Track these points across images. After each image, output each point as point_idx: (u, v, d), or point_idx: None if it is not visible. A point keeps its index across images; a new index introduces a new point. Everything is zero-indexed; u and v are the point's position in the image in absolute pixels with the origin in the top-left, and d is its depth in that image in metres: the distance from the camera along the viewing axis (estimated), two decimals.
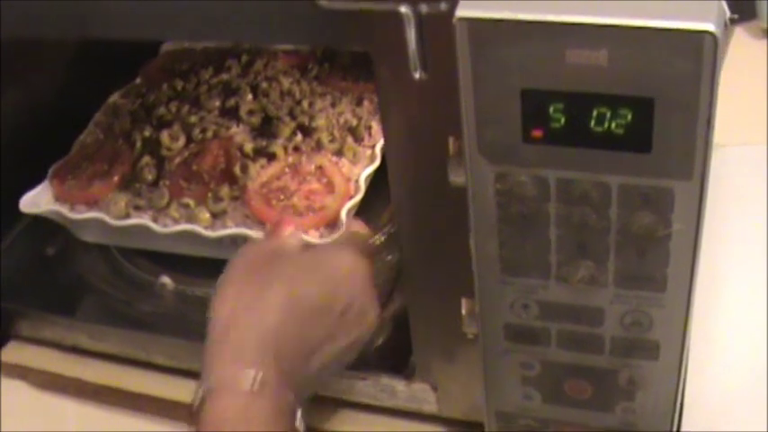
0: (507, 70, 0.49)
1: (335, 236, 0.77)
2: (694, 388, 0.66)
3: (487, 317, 0.59)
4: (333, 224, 0.79)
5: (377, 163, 0.83)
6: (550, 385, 0.61)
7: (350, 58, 0.96)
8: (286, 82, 0.93)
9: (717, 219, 0.75)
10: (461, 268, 0.57)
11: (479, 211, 0.54)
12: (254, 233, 0.78)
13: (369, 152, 0.85)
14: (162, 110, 0.92)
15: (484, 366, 0.61)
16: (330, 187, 0.81)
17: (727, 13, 0.48)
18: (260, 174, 0.83)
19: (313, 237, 0.77)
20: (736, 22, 0.88)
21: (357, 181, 0.82)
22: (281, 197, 0.81)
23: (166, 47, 1.05)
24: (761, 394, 0.65)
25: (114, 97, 0.98)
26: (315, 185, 0.82)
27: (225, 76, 0.96)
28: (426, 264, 0.62)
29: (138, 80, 1.01)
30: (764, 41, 0.87)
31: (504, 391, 0.62)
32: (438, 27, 0.51)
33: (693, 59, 0.46)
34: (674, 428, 0.62)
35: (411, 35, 0.53)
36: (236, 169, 0.83)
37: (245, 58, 0.98)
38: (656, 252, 0.53)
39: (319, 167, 0.83)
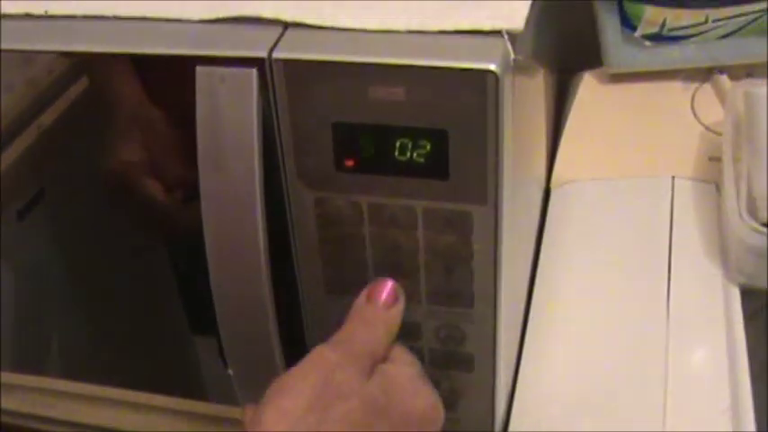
0: (320, 105, 0.55)
1: None
2: (525, 395, 0.71)
3: (317, 334, 0.63)
4: None
5: None
6: None
7: None
8: None
9: (562, 245, 0.82)
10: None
11: (302, 234, 0.59)
12: None
13: None
14: None
15: None
16: None
17: (512, 55, 0.54)
18: None
19: None
20: (585, 68, 0.95)
21: None
22: None
23: None
24: (588, 402, 0.70)
25: None
26: None
27: None
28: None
29: None
30: (611, 86, 0.93)
31: None
32: None
33: (478, 96, 0.52)
34: None
35: None
36: None
37: None
38: (461, 271, 0.58)
39: None
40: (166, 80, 0.61)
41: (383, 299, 0.59)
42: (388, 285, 0.59)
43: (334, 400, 0.53)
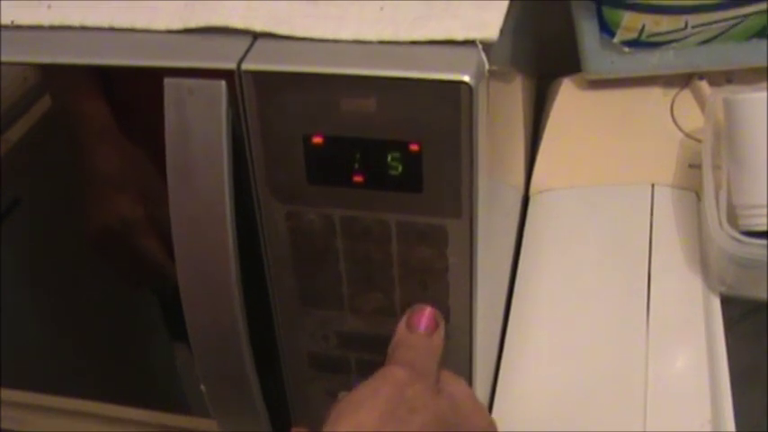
0: (290, 117, 0.53)
1: None
2: (502, 409, 0.70)
3: (290, 346, 0.62)
4: None
5: None
6: None
7: None
8: None
9: (541, 254, 0.81)
10: None
11: (274, 247, 0.58)
12: None
13: None
14: None
15: (289, 394, 0.65)
16: None
17: (486, 65, 0.53)
18: None
19: None
20: (564, 74, 0.94)
21: None
22: None
23: None
24: (567, 415, 0.70)
25: None
26: None
27: None
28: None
29: None
30: (589, 92, 0.92)
31: (311, 419, 0.66)
32: None
33: (452, 107, 0.51)
34: None
35: None
36: None
37: None
38: (436, 284, 0.57)
39: None
40: (134, 93, 0.60)
41: (423, 327, 0.58)
42: (426, 313, 0.59)
43: (408, 414, 0.54)
